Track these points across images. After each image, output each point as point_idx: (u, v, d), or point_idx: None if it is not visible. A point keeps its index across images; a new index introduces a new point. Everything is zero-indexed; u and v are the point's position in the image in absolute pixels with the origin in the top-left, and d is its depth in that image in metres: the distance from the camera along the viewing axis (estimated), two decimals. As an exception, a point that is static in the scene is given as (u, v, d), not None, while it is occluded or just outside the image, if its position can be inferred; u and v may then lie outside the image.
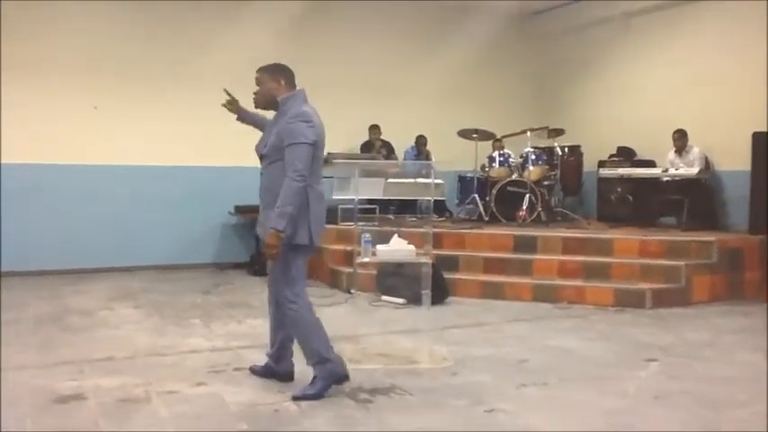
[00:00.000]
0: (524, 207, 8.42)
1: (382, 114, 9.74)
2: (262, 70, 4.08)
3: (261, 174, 3.99)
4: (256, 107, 4.20)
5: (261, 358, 4.64)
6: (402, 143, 9.84)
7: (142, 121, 8.54)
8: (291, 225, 3.73)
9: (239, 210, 8.88)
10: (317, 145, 3.84)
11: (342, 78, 9.68)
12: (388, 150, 9.67)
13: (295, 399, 3.82)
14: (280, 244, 3.71)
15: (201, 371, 4.37)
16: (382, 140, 9.69)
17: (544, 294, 6.76)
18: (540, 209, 8.49)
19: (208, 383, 4.11)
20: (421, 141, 9.77)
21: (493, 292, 6.93)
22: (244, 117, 4.37)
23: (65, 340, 5.13)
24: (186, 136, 8.76)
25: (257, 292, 7.28)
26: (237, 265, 8.87)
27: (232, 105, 4.34)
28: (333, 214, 8.39)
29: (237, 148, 8.97)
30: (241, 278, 8.24)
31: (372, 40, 10.03)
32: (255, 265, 8.46)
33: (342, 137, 9.45)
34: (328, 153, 8.46)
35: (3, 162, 7.97)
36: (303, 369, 4.07)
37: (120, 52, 8.41)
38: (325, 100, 9.41)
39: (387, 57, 10.11)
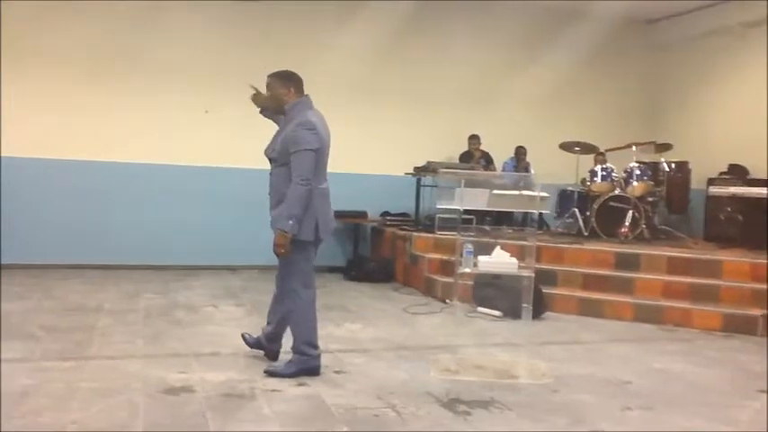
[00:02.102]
0: (627, 223, 8.16)
1: (481, 124, 9.70)
2: (273, 76, 4.33)
3: (270, 175, 4.31)
4: (262, 111, 4.52)
5: (360, 362, 4.73)
6: (501, 154, 9.76)
7: (254, 125, 8.76)
8: (297, 224, 4.07)
9: (338, 215, 8.99)
10: (320, 150, 4.16)
11: (441, 86, 9.73)
12: (487, 161, 9.61)
13: (266, 372, 4.30)
14: (288, 243, 4.07)
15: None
16: (481, 151, 9.63)
17: (647, 315, 6.53)
18: (643, 226, 8.22)
19: (308, 384, 4.18)
20: (520, 152, 9.66)
21: (592, 309, 6.75)
22: (269, 116, 4.59)
23: (173, 334, 5.35)
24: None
25: (354, 296, 7.40)
26: (333, 269, 9.01)
27: (257, 99, 4.56)
28: (431, 223, 8.47)
29: (336, 155, 9.22)
30: (337, 282, 8.37)
31: (472, 47, 9.98)
32: (352, 270, 8.59)
33: (441, 146, 9.53)
34: (428, 162, 8.58)
35: (108, 159, 8.46)
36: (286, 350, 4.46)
37: (233, 58, 8.73)
38: (424, 109, 9.69)
39: (486, 64, 10.05)
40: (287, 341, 4.50)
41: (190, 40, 8.77)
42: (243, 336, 4.80)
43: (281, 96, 4.28)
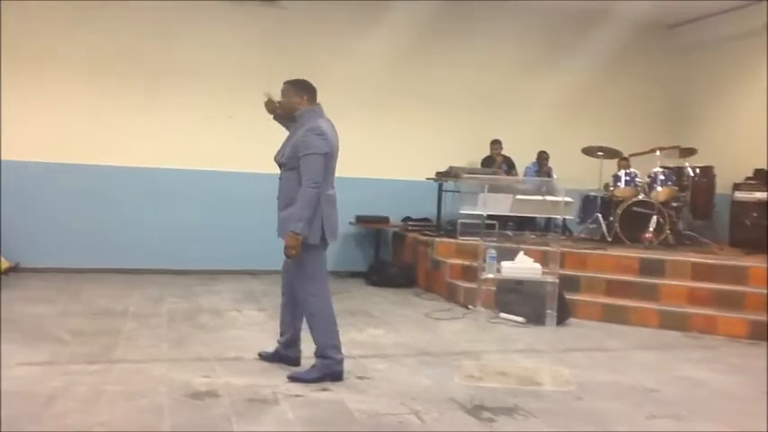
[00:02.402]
0: (651, 229, 8.09)
1: (503, 128, 9.67)
2: (288, 84, 4.45)
3: (279, 180, 4.40)
4: (275, 118, 4.58)
5: (383, 368, 4.74)
6: (522, 159, 9.73)
7: (277, 129, 8.79)
8: (307, 226, 4.14)
9: (360, 220, 9.07)
10: (329, 155, 4.26)
11: (462, 91, 9.72)
12: (509, 166, 9.58)
13: (290, 378, 4.30)
14: (298, 245, 4.13)
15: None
16: (503, 156, 9.61)
17: (672, 321, 6.47)
18: (668, 231, 8.14)
19: (331, 389, 4.20)
20: (543, 157, 9.62)
21: (616, 315, 6.70)
22: (281, 121, 4.68)
23: (197, 338, 5.39)
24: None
25: (376, 301, 7.41)
26: (355, 274, 9.03)
27: (270, 105, 4.62)
28: (452, 228, 8.45)
29: (357, 160, 9.27)
30: (359, 287, 8.38)
31: (493, 50, 9.95)
32: (374, 276, 8.60)
33: (462, 151, 9.51)
34: (450, 167, 8.58)
35: (136, 165, 8.57)
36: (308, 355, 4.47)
37: (254, 63, 8.79)
38: (445, 113, 9.69)
39: (507, 67, 10.02)
40: (308, 346, 4.51)
41: (212, 44, 8.84)
42: (260, 354, 4.77)
43: (294, 104, 4.40)
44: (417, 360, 5.02)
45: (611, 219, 8.43)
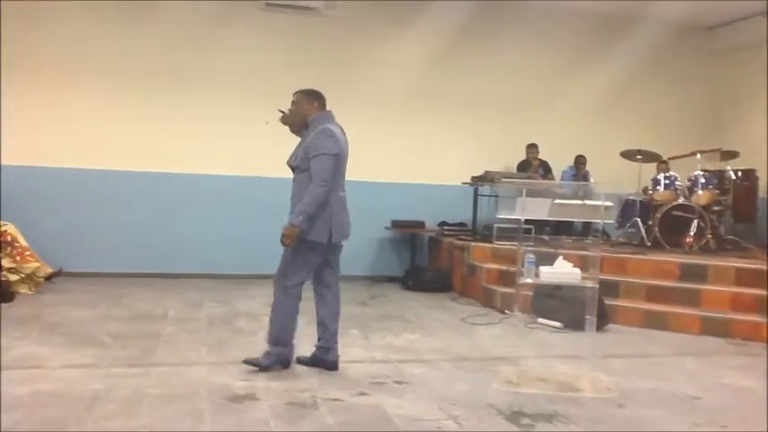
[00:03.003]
0: (692, 233, 7.95)
1: (538, 132, 9.59)
2: (300, 93, 4.64)
3: (293, 182, 4.55)
4: (292, 130, 4.69)
5: (420, 373, 4.72)
6: (558, 162, 9.64)
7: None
8: (310, 223, 4.32)
9: (396, 224, 9.07)
10: (339, 156, 4.44)
11: (496, 94, 9.67)
12: (545, 170, 9.50)
13: (245, 362, 4.54)
14: (294, 235, 4.29)
15: (363, 381, 4.46)
16: (539, 160, 9.53)
17: (714, 328, 6.34)
18: (709, 236, 8.00)
19: (370, 394, 4.19)
20: (580, 161, 9.52)
21: (656, 321, 6.59)
22: (297, 131, 4.76)
23: (235, 342, 5.43)
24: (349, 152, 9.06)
25: (412, 306, 7.39)
26: (391, 279, 9.03)
27: (285, 119, 4.76)
28: (488, 233, 8.41)
29: (393, 165, 9.30)
30: (395, 292, 8.38)
31: (527, 53, 9.88)
32: (409, 280, 8.59)
33: (497, 155, 9.46)
34: (485, 171, 8.53)
35: (178, 171, 8.68)
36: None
37: (290, 70, 8.86)
38: (480, 117, 9.64)
39: (542, 70, 9.94)
40: (344, 351, 4.51)
41: (249, 50, 8.93)
42: (298, 359, 4.78)
43: (307, 110, 4.57)
44: (454, 365, 5.00)
45: (650, 223, 8.31)
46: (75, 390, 4.02)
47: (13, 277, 7.01)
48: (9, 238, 7.23)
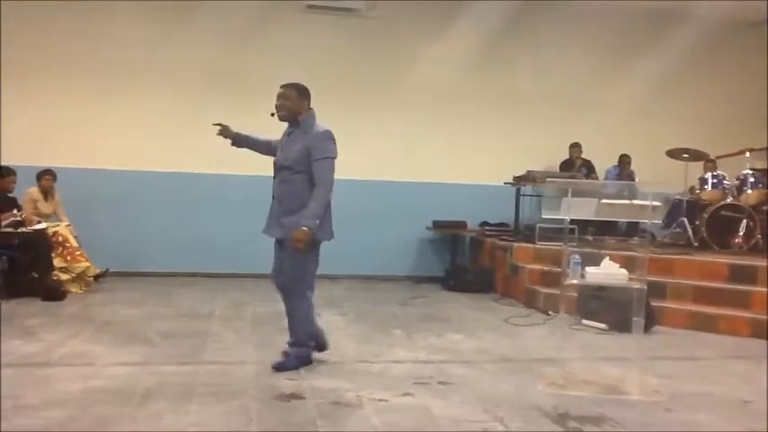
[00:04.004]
0: (741, 233, 7.79)
1: (581, 131, 9.50)
2: (292, 87, 4.62)
3: (280, 183, 4.58)
4: (281, 118, 4.67)
5: (464, 374, 4.71)
6: (601, 161, 9.52)
7: (361, 138, 8.63)
8: (318, 225, 4.45)
9: (437, 225, 9.06)
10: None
11: (539, 93, 9.60)
12: (589, 169, 9.39)
13: (275, 368, 4.58)
14: (308, 240, 4.38)
15: (407, 381, 4.47)
16: (582, 159, 9.43)
17: (765, 331, 6.19)
18: (758, 236, 7.82)
19: (414, 395, 4.20)
20: (625, 160, 9.40)
21: (704, 323, 6.47)
22: (240, 142, 4.97)
23: (280, 341, 5.46)
24: (391, 153, 9.10)
25: (454, 306, 7.38)
26: (432, 279, 9.02)
27: (226, 132, 4.86)
28: (531, 233, 8.33)
29: (434, 165, 9.29)
30: (436, 292, 8.37)
31: (570, 51, 9.80)
32: (451, 281, 8.57)
33: (541, 154, 9.39)
34: (528, 171, 8.47)
35: (226, 173, 8.78)
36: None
37: (331, 71, 8.91)
38: (522, 116, 9.57)
39: (585, 68, 9.84)
40: (393, 350, 4.52)
41: (288, 53, 9.00)
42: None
43: (298, 107, 4.58)
44: (498, 366, 4.98)
45: (697, 223, 8.16)
46: (126, 387, 4.11)
47: (65, 277, 7.22)
48: (60, 239, 7.43)
